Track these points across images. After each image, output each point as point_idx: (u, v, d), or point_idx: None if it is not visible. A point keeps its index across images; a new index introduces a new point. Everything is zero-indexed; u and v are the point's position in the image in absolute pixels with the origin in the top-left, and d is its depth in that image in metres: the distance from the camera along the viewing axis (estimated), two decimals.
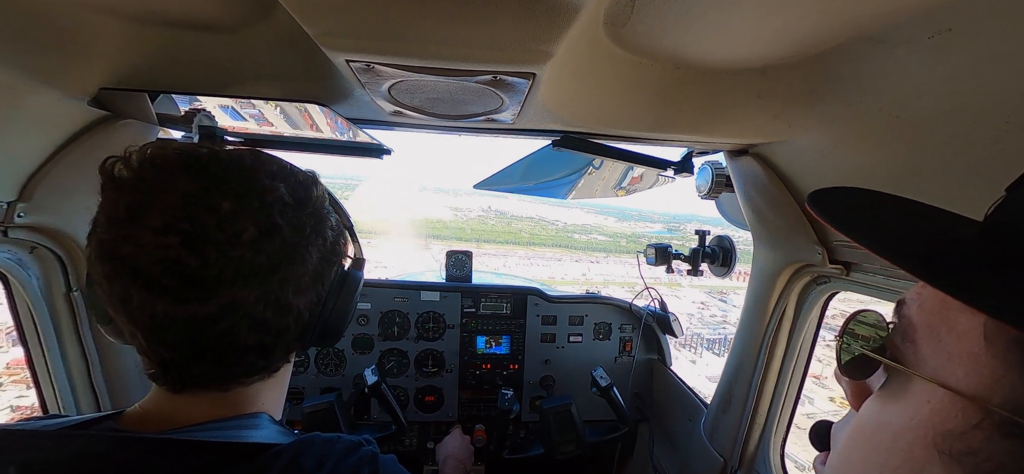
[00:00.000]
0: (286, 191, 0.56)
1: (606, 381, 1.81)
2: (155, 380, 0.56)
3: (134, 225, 0.48)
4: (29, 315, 1.16)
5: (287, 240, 0.55)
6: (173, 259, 0.48)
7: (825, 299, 1.28)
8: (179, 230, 0.48)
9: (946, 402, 0.32)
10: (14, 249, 1.09)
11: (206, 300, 0.50)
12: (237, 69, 0.90)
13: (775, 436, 1.40)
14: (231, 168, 0.53)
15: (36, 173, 1.02)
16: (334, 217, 0.65)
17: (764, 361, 1.36)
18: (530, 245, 37.86)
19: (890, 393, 0.38)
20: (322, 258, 0.61)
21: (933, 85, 0.65)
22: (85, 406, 1.28)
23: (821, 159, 1.00)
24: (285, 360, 0.64)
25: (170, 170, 0.50)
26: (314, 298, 0.61)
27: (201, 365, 0.54)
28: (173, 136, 1.29)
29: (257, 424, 0.58)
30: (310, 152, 1.40)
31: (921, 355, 0.35)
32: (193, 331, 0.51)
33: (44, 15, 0.71)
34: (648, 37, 0.71)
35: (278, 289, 0.55)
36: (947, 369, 0.32)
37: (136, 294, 0.49)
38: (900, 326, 0.38)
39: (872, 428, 0.38)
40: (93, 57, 0.84)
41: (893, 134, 0.77)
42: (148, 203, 0.49)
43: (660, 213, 25.77)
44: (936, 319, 0.34)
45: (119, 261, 0.49)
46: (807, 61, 0.74)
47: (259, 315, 0.54)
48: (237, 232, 0.50)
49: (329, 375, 1.96)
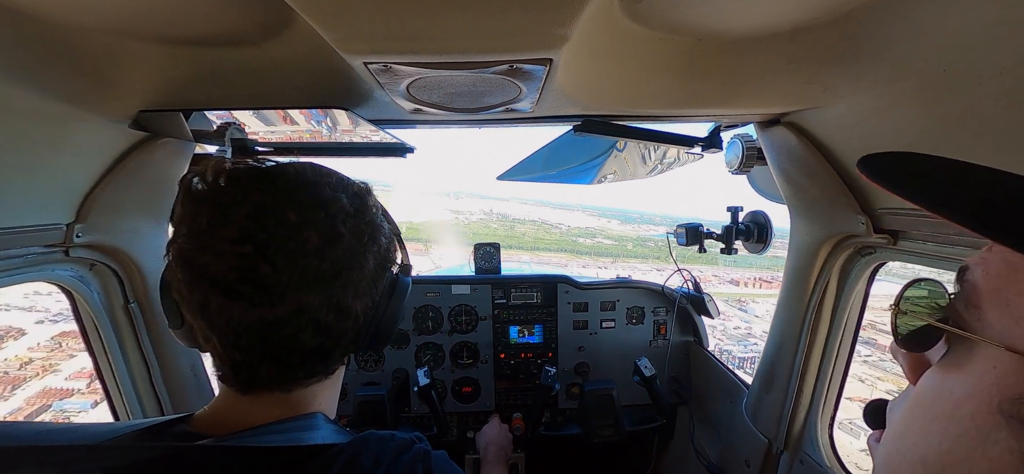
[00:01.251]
0: (347, 201, 0.59)
1: (650, 371, 1.81)
2: (225, 382, 0.60)
3: (212, 236, 0.52)
4: (94, 327, 1.25)
5: (348, 247, 0.58)
6: (249, 267, 0.52)
7: (871, 271, 1.21)
8: (253, 240, 0.52)
9: (1014, 364, 0.30)
10: (76, 267, 1.17)
11: (276, 304, 0.53)
12: (262, 81, 0.93)
13: (822, 415, 1.35)
14: (297, 181, 0.57)
15: (89, 195, 1.09)
16: (387, 225, 0.68)
17: (807, 338, 1.31)
18: (534, 250, 36.81)
19: (952, 363, 0.36)
20: (377, 264, 0.64)
21: (983, 34, 0.60)
22: (148, 407, 1.38)
23: (861, 123, 0.94)
24: (341, 363, 0.68)
25: (243, 184, 0.54)
26: (369, 303, 0.64)
27: (268, 367, 0.58)
28: (208, 150, 1.35)
29: (314, 424, 0.61)
30: (336, 155, 1.44)
31: (987, 321, 0.34)
32: (263, 334, 0.54)
33: (83, 47, 0.76)
34: (666, 10, 0.68)
35: (340, 294, 0.58)
36: (1015, 333, 0.31)
37: (214, 299, 0.53)
38: (963, 292, 0.36)
39: (931, 399, 0.37)
40: (131, 82, 0.89)
41: (940, 91, 0.72)
42: (225, 215, 0.52)
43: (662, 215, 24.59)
44: (1003, 282, 0.33)
45: (199, 269, 0.53)
46: (841, 19, 0.69)
47: (322, 319, 0.57)
48: (304, 241, 0.54)
49: (369, 370, 2.02)
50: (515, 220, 45.21)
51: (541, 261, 28.49)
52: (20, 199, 0.94)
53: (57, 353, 8.13)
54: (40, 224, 1.01)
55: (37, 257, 1.04)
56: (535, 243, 39.03)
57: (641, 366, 1.82)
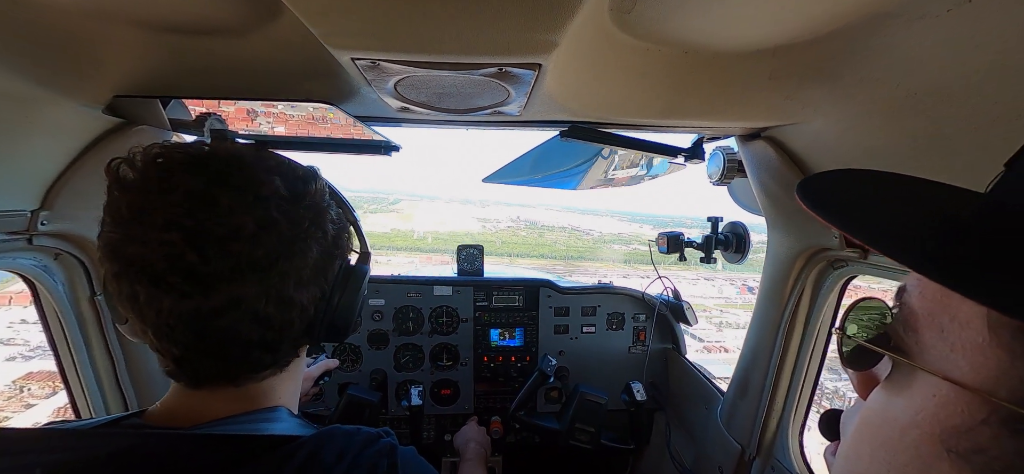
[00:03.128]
0: (282, 185, 0.56)
1: (642, 396, 1.82)
2: (173, 377, 0.58)
3: (139, 224, 0.50)
4: (57, 319, 1.20)
5: (284, 234, 0.55)
6: (176, 255, 0.49)
7: (842, 283, 1.25)
8: (181, 227, 0.49)
9: (952, 395, 0.30)
10: (40, 256, 1.12)
11: (208, 295, 0.51)
12: (246, 72, 0.90)
13: (793, 422, 1.39)
14: (230, 165, 0.54)
15: (57, 181, 1.05)
16: (335, 211, 0.65)
17: (781, 347, 1.35)
18: (568, 259, 34.80)
19: (895, 384, 0.36)
20: (323, 252, 0.61)
21: (952, 59, 0.63)
22: (113, 404, 1.32)
23: (836, 140, 0.98)
24: (294, 355, 0.65)
25: (172, 169, 0.52)
26: (318, 293, 0.62)
27: (210, 361, 0.56)
28: (186, 140, 1.31)
29: (276, 417, 0.60)
30: (320, 151, 1.42)
31: (924, 345, 0.33)
32: (198, 326, 0.52)
33: (57, 27, 0.73)
34: (655, 22, 0.69)
35: (279, 283, 0.55)
36: (950, 360, 0.30)
37: (142, 291, 0.50)
38: (901, 314, 0.36)
39: (878, 422, 0.37)
40: (106, 66, 0.86)
41: (911, 111, 0.75)
42: (151, 202, 0.50)
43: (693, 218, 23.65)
44: (938, 307, 0.32)
45: (125, 260, 0.50)
46: (820, 39, 0.72)
47: (261, 310, 0.54)
48: (236, 227, 0.51)
49: (346, 370, 1.99)
50: (544, 227, 43.37)
51: (580, 271, 26.75)
52: None
53: (12, 403, 6.49)
54: (2, 210, 0.96)
55: None
56: (568, 251, 37.14)
57: (634, 389, 1.84)
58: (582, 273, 25.26)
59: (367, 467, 0.56)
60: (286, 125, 1.26)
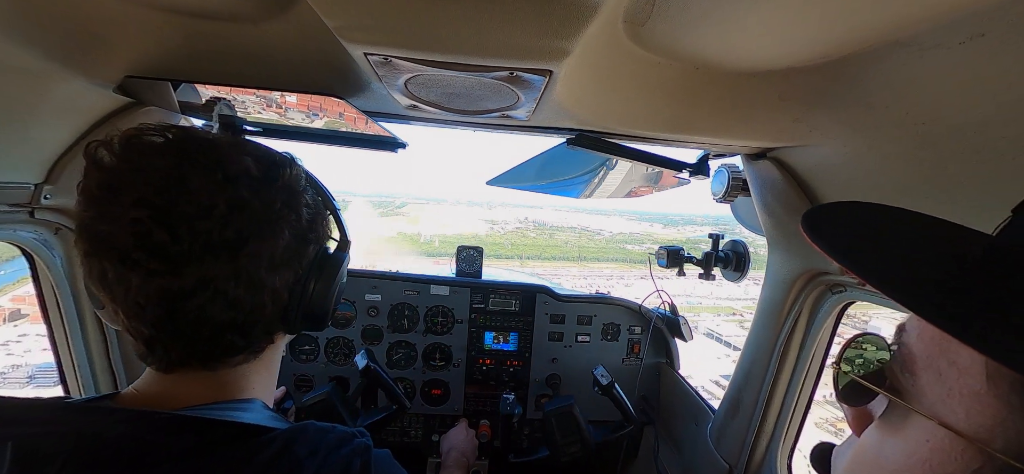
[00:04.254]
0: (254, 165, 0.56)
1: (607, 379, 1.78)
2: (144, 360, 0.58)
3: (109, 203, 0.50)
4: (53, 294, 1.20)
5: (256, 214, 0.55)
6: (144, 232, 0.49)
7: (840, 309, 1.25)
8: (150, 204, 0.49)
9: (946, 442, 0.29)
10: (40, 230, 1.12)
11: (177, 274, 0.51)
12: (258, 60, 0.91)
13: (783, 445, 1.38)
14: (202, 145, 0.54)
15: (62, 157, 1.05)
16: (312, 197, 0.65)
17: (775, 369, 1.34)
18: (581, 260, 33.46)
19: (889, 424, 0.36)
20: (296, 236, 0.61)
21: (963, 92, 0.63)
22: (103, 383, 1.32)
23: (842, 165, 0.98)
24: (268, 341, 0.64)
25: (145, 151, 0.52)
26: (292, 278, 0.61)
27: (181, 343, 0.55)
28: (194, 123, 1.31)
29: (249, 408, 0.59)
30: (327, 143, 1.42)
31: (920, 388, 0.33)
32: (168, 306, 0.52)
33: (74, 4, 0.73)
34: (668, 37, 0.70)
35: (249, 264, 0.55)
36: (947, 406, 0.30)
37: (111, 269, 0.50)
38: (899, 354, 0.35)
39: (870, 462, 0.37)
40: (119, 46, 0.86)
41: (919, 142, 0.75)
42: (122, 181, 0.50)
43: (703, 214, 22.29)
44: (936, 351, 0.32)
45: (96, 237, 0.51)
46: (831, 64, 0.72)
47: (231, 292, 0.54)
48: (206, 207, 0.51)
49: (338, 364, 1.98)
50: (553, 228, 42.20)
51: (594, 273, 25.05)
52: None
53: None
54: (6, 182, 0.96)
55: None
56: (581, 252, 35.83)
57: (598, 375, 1.80)
58: (597, 275, 24.44)
59: (340, 465, 0.56)
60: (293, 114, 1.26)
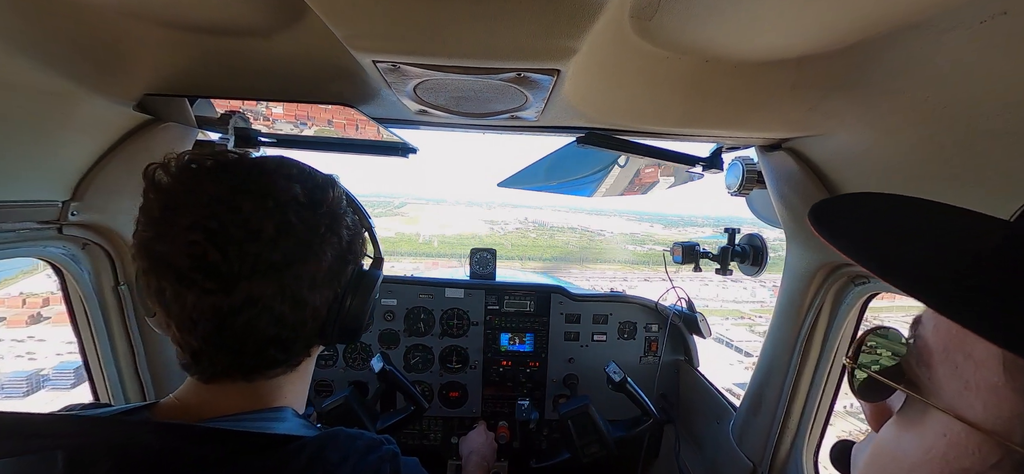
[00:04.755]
0: (301, 192, 0.59)
1: (619, 375, 1.76)
2: (188, 370, 0.61)
3: (168, 224, 0.54)
4: (82, 307, 1.24)
5: (301, 238, 0.58)
6: (199, 254, 0.53)
7: (863, 301, 1.22)
8: (205, 228, 0.53)
9: (963, 436, 0.29)
10: (68, 245, 1.16)
11: (228, 292, 0.54)
12: (270, 73, 0.93)
13: (808, 443, 1.35)
14: (253, 172, 0.58)
15: (87, 174, 1.09)
16: (351, 218, 0.68)
17: (797, 364, 1.31)
18: (582, 261, 32.98)
19: (907, 419, 0.35)
20: (337, 256, 0.64)
21: (984, 74, 0.61)
22: (131, 391, 1.36)
23: (861, 153, 0.95)
24: (306, 355, 0.67)
25: (201, 175, 0.56)
26: (331, 295, 0.64)
27: (227, 356, 0.58)
28: (210, 137, 1.35)
29: (282, 417, 0.61)
30: (339, 152, 1.44)
31: (937, 381, 0.32)
32: (218, 322, 0.55)
33: (94, 26, 0.76)
34: (676, 30, 0.69)
35: (294, 284, 0.58)
36: (964, 400, 0.29)
37: (169, 286, 0.54)
38: (915, 347, 0.35)
39: (887, 457, 0.36)
40: (138, 65, 0.89)
41: (940, 126, 0.73)
42: (180, 204, 0.54)
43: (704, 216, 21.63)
44: (952, 344, 0.31)
45: (155, 257, 0.54)
46: (846, 50, 0.70)
47: (277, 309, 0.57)
48: (255, 230, 0.55)
49: (356, 369, 2.01)
50: (554, 228, 41.83)
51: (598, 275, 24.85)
52: (17, 173, 0.93)
53: None
54: (35, 200, 1.00)
55: (30, 233, 1.03)
56: (582, 253, 35.51)
57: (610, 372, 1.78)
58: (600, 277, 23.99)
59: (371, 471, 0.58)
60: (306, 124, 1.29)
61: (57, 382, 8.10)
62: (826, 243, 0.34)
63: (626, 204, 43.70)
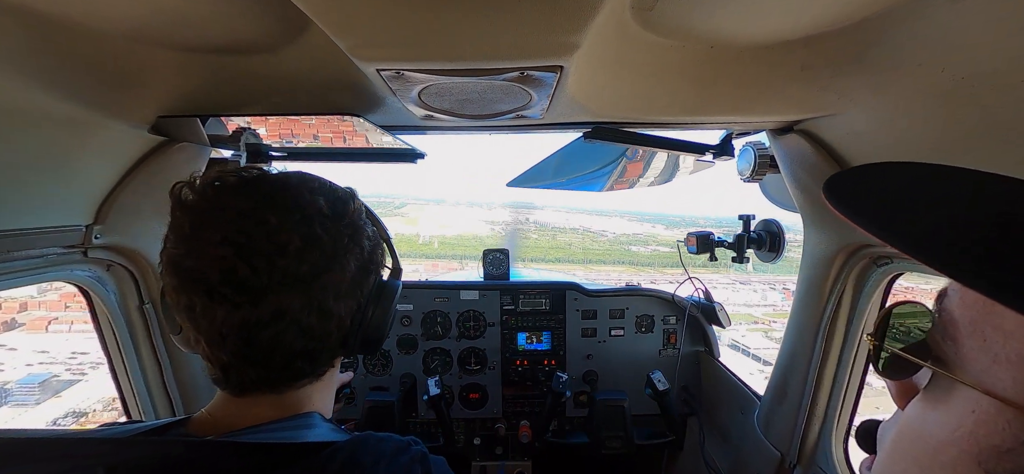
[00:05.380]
0: (325, 204, 0.60)
1: (664, 386, 1.77)
2: (218, 385, 0.62)
3: (197, 241, 0.55)
4: (109, 326, 1.28)
5: (326, 250, 0.59)
6: (229, 268, 0.53)
7: (887, 281, 1.18)
8: (234, 242, 0.54)
9: (992, 411, 0.28)
10: (94, 268, 1.20)
11: (257, 305, 0.55)
12: (278, 88, 0.94)
13: (837, 429, 1.32)
14: (277, 186, 0.59)
15: (108, 198, 1.12)
16: (371, 229, 0.69)
17: (821, 350, 1.28)
18: (587, 263, 32.03)
19: (933, 396, 0.34)
20: (359, 267, 0.65)
21: (1002, 40, 0.58)
22: (160, 406, 1.39)
23: (876, 130, 0.93)
24: (330, 365, 0.68)
25: (226, 192, 0.57)
26: (354, 306, 0.65)
27: (255, 369, 0.59)
28: (223, 155, 1.37)
29: (312, 423, 0.63)
30: (349, 161, 1.46)
31: (964, 355, 0.31)
32: (247, 335, 0.56)
33: (107, 52, 0.78)
34: (678, 18, 0.68)
35: (320, 295, 0.59)
36: (993, 373, 0.28)
37: (199, 301, 0.55)
38: (941, 321, 0.33)
39: (913, 436, 0.35)
40: (150, 88, 0.91)
41: (959, 98, 0.70)
42: (208, 221, 0.55)
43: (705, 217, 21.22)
44: (979, 315, 0.30)
45: (184, 272, 0.55)
46: (856, 26, 0.68)
47: (304, 321, 0.58)
48: (283, 243, 0.55)
49: (376, 375, 2.03)
50: (556, 229, 40.77)
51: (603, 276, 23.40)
52: (42, 201, 0.97)
53: None
54: (61, 225, 1.03)
55: (57, 257, 1.06)
56: (586, 255, 34.57)
57: (655, 380, 1.78)
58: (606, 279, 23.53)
59: (403, 471, 0.59)
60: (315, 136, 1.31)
61: (21, 397, 7.47)
62: (844, 219, 0.33)
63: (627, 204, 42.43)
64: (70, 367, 9.80)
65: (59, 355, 9.94)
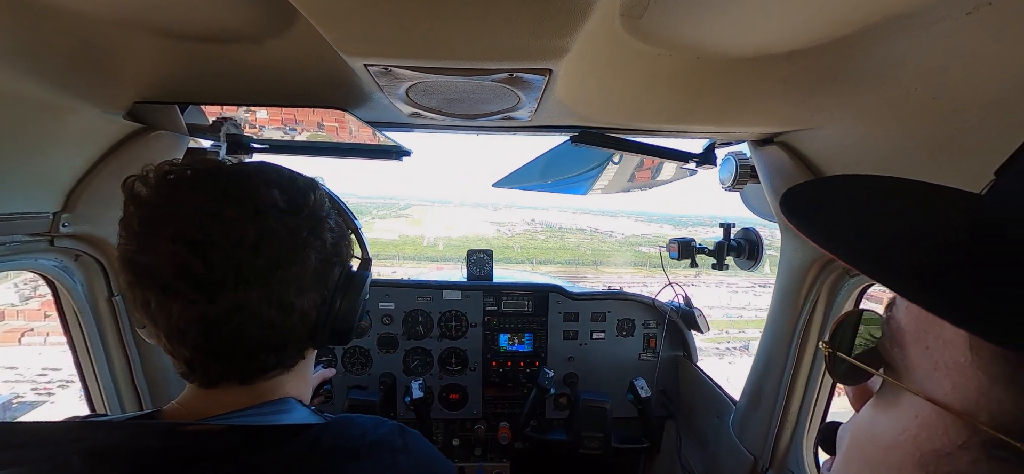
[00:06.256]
0: (281, 197, 0.59)
1: (646, 393, 1.80)
2: (186, 378, 0.61)
3: (150, 236, 0.53)
4: (75, 319, 1.23)
5: (284, 243, 0.58)
6: (182, 264, 0.52)
7: (859, 291, 1.23)
8: (187, 238, 0.53)
9: (933, 417, 0.29)
10: (60, 257, 1.15)
11: (214, 300, 0.54)
12: (261, 78, 0.92)
13: (808, 434, 1.36)
14: (232, 179, 0.58)
15: (78, 185, 1.08)
16: (335, 220, 0.68)
17: (795, 356, 1.32)
18: (597, 265, 31.26)
19: (883, 401, 0.35)
20: (322, 259, 0.64)
21: (971, 64, 0.61)
22: (128, 402, 1.35)
23: (850, 145, 0.96)
24: (300, 357, 0.68)
25: (180, 185, 0.56)
26: (319, 298, 0.65)
27: (220, 362, 0.58)
28: (202, 145, 1.34)
29: (289, 408, 0.62)
30: (333, 156, 1.43)
31: (910, 363, 0.32)
32: (205, 330, 0.55)
33: (81, 35, 0.75)
34: (666, 28, 0.69)
35: (280, 289, 0.58)
36: (934, 380, 0.30)
37: (154, 298, 0.54)
38: (890, 329, 0.35)
39: (864, 440, 0.36)
40: (127, 73, 0.88)
41: (928, 118, 0.74)
42: (162, 215, 0.54)
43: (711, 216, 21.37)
44: (922, 324, 0.32)
45: (138, 269, 0.54)
46: (836, 44, 0.71)
47: (264, 315, 0.57)
48: (238, 238, 0.54)
49: (356, 374, 2.00)
50: (564, 230, 40.41)
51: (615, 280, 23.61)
52: (6, 186, 0.93)
53: None
54: (26, 212, 0.99)
55: (21, 245, 1.02)
56: (596, 257, 33.90)
57: (638, 387, 1.82)
58: (617, 281, 23.31)
59: (387, 439, 0.62)
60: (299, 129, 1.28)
61: None
62: (796, 232, 0.35)
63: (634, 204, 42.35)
64: (37, 386, 9.35)
65: (28, 372, 9.48)
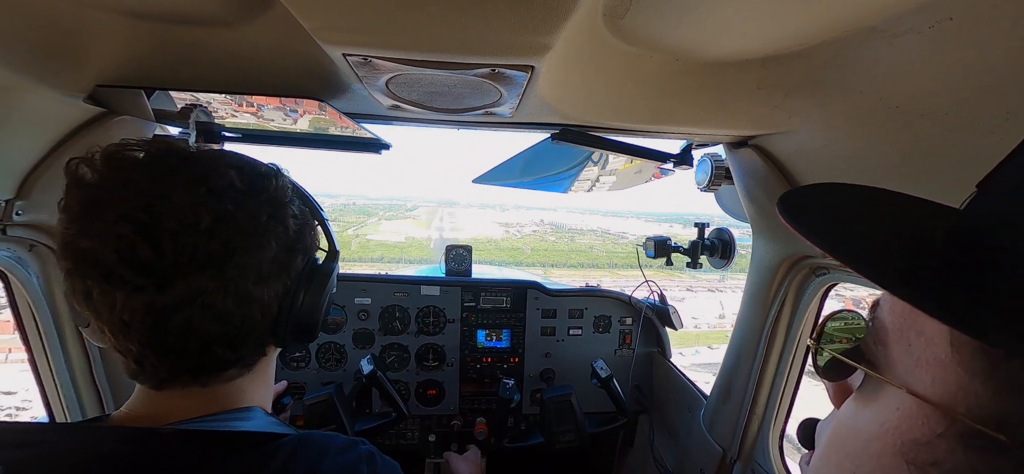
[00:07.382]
0: (238, 178, 0.55)
1: (606, 372, 1.82)
2: (135, 378, 0.57)
3: (93, 220, 0.49)
4: (30, 313, 1.16)
5: (241, 227, 0.54)
6: (127, 247, 0.48)
7: (824, 290, 1.28)
8: (133, 220, 0.49)
9: (914, 409, 0.31)
10: (13, 247, 1.09)
11: (162, 288, 0.50)
12: (234, 65, 0.89)
13: (774, 427, 1.41)
14: (185, 160, 0.54)
15: (34, 171, 1.02)
16: (299, 208, 0.65)
17: (763, 352, 1.37)
18: (612, 268, 30.19)
19: (864, 396, 0.38)
20: (284, 247, 0.60)
21: (933, 75, 0.65)
22: (88, 403, 1.28)
23: (821, 149, 1.00)
24: (260, 354, 0.64)
25: (127, 166, 0.51)
26: (281, 289, 0.61)
27: (170, 358, 0.54)
28: (170, 132, 1.28)
29: (250, 416, 0.59)
30: (309, 147, 1.40)
31: (892, 359, 0.35)
32: (153, 322, 0.51)
33: (38, 13, 0.71)
34: (647, 29, 0.70)
35: (236, 277, 0.54)
36: (915, 375, 0.32)
37: (95, 286, 0.50)
38: (874, 328, 0.37)
39: (846, 432, 0.38)
40: (88, 54, 0.84)
41: (894, 123, 0.77)
42: (105, 197, 0.50)
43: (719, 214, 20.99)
44: (906, 323, 0.34)
45: (78, 255, 0.50)
46: (808, 51, 0.73)
47: (219, 304, 0.53)
48: (191, 221, 0.50)
49: (330, 369, 1.97)
50: (574, 231, 39.39)
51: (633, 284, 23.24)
52: None
53: None
54: None
55: None
56: (610, 259, 32.62)
57: (597, 368, 1.84)
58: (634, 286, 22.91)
59: (350, 469, 0.56)
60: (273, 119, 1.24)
61: None
62: (794, 231, 0.36)
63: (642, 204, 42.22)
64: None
65: None
